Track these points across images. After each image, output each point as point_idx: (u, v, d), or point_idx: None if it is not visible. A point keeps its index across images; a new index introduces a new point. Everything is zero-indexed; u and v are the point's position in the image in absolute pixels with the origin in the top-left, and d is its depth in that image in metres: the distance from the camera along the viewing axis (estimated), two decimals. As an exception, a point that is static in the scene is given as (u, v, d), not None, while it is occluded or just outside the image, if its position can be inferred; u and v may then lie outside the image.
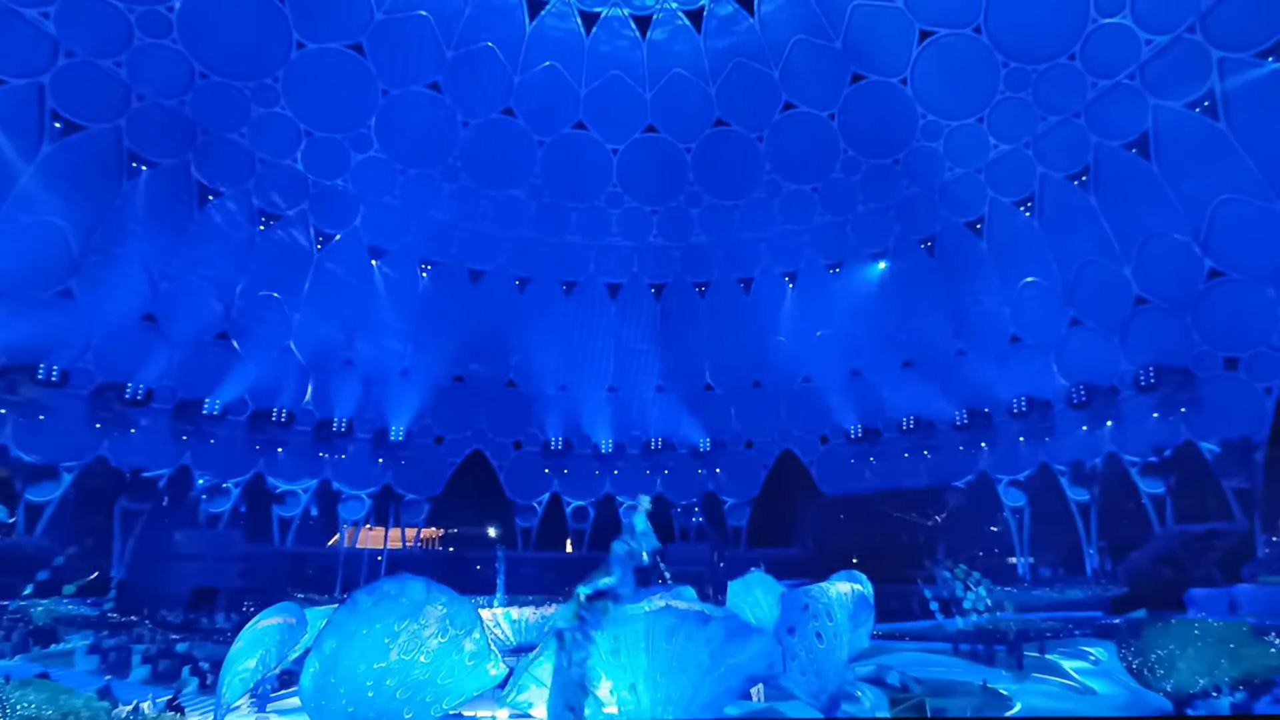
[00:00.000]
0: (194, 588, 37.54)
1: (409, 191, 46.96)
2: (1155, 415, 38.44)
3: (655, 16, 43.47)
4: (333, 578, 42.70)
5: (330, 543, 51.76)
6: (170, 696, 16.43)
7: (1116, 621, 28.79)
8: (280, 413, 46.73)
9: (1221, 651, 17.83)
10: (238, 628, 30.68)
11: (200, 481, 43.84)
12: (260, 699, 18.38)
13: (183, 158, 40.00)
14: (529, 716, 15.14)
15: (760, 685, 19.71)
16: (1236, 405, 35.88)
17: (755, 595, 20.64)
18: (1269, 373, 34.91)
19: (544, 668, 13.87)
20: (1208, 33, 31.60)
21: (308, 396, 48.14)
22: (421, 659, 12.98)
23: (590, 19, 43.59)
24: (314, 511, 49.33)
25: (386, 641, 12.99)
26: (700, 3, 42.66)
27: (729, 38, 43.64)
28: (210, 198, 41.56)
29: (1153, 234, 36.77)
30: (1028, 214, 41.15)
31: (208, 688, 20.84)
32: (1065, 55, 35.59)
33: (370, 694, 12.58)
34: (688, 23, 43.51)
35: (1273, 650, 17.76)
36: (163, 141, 38.77)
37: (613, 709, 14.30)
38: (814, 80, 43.46)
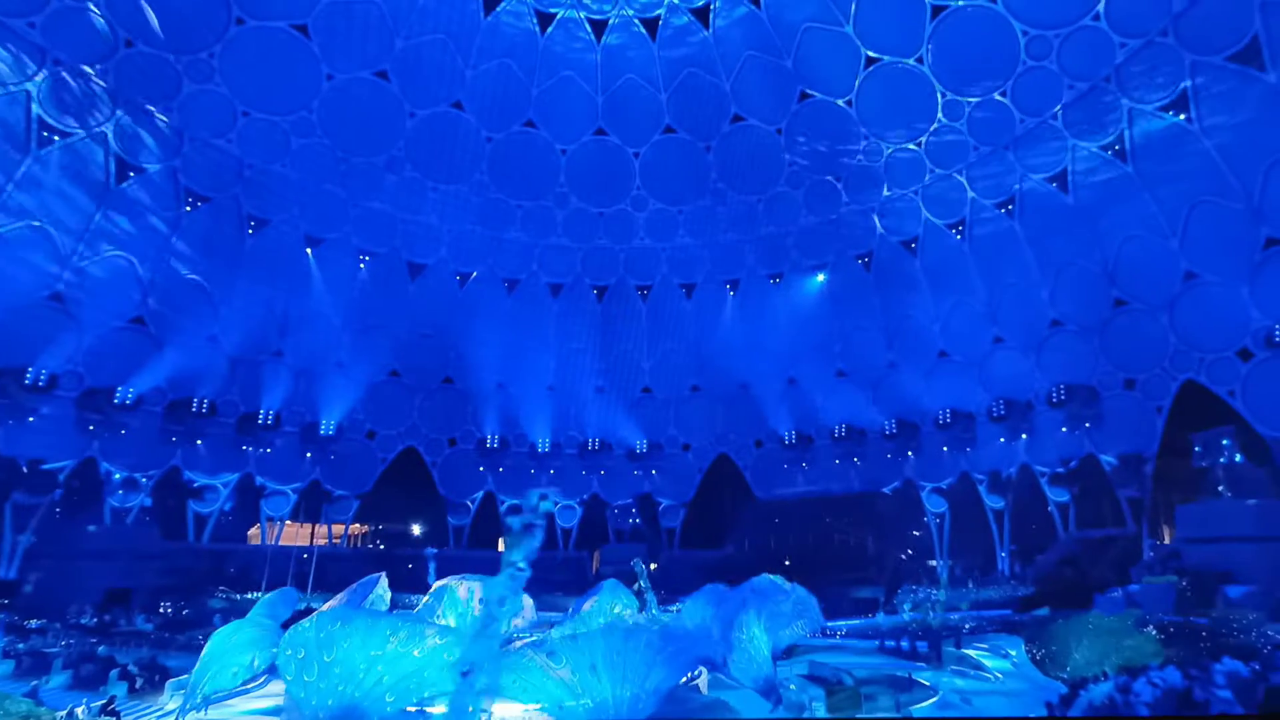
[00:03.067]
0: (107, 588, 34.99)
1: (350, 180, 45.51)
2: (1063, 429, 41.67)
3: (611, 21, 43.81)
4: (257, 575, 40.78)
5: (249, 534, 49.50)
6: (105, 702, 15.57)
7: (1024, 618, 31.24)
8: (201, 403, 44.32)
9: (1109, 643, 20.35)
10: (159, 629, 29.24)
11: (117, 476, 41.08)
12: (204, 702, 17.61)
13: (101, 130, 37.47)
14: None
15: (705, 676, 20.67)
16: (1132, 422, 39.39)
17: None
18: (1161, 393, 38.46)
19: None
20: (1121, 83, 34.53)
21: (231, 388, 45.91)
22: (415, 653, 13.91)
23: (546, 19, 43.52)
24: (230, 507, 47.02)
25: (388, 633, 14.10)
26: (656, 11, 43.28)
27: (683, 48, 44.40)
28: (131, 174, 39.05)
29: (1068, 262, 39.97)
30: (959, 237, 43.78)
31: (137, 692, 19.82)
32: (997, 91, 38.06)
33: (362, 675, 13.55)
34: (643, 30, 44.03)
35: (1149, 639, 20.71)
36: (79, 111, 36.20)
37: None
38: (763, 95, 44.70)
